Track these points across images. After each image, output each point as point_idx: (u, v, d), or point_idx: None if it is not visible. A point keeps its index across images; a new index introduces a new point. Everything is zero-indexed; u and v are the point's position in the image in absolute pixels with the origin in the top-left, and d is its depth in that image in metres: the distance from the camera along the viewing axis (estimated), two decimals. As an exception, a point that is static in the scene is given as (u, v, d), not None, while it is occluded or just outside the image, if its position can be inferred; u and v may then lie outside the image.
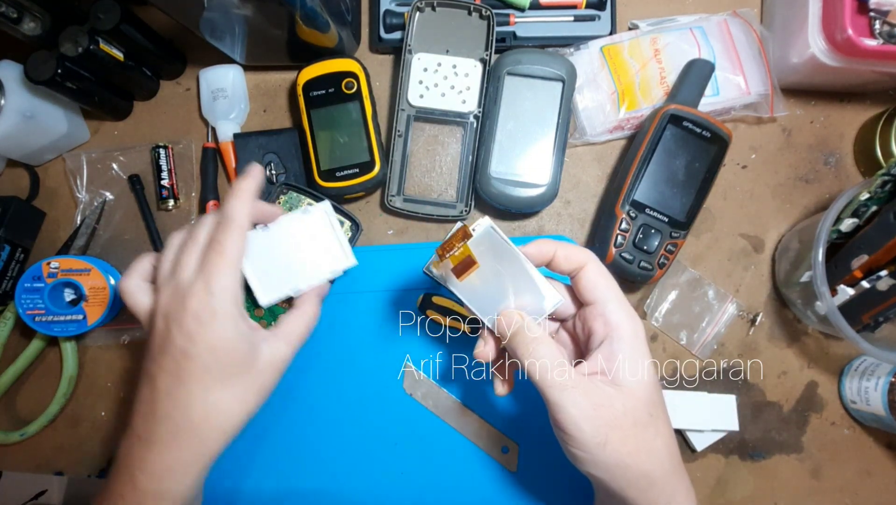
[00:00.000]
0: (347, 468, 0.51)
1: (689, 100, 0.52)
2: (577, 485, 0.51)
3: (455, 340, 0.52)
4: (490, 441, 0.51)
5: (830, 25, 0.48)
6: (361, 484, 0.51)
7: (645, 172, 0.51)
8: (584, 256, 0.36)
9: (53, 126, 0.55)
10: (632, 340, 0.35)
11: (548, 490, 0.51)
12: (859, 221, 0.48)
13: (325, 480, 0.51)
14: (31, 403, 0.56)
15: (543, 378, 0.34)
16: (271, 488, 0.51)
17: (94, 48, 0.50)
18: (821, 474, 0.54)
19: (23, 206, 0.56)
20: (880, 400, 0.49)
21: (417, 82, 0.54)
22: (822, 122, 0.57)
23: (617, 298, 0.36)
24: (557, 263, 0.37)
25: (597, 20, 0.56)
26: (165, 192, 0.57)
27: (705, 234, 0.56)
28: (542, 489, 0.51)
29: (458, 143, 0.55)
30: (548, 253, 0.37)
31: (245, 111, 0.58)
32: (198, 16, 0.46)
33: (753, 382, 0.54)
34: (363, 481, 0.51)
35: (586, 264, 0.36)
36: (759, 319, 0.55)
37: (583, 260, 0.36)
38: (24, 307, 0.52)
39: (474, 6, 0.53)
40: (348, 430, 0.52)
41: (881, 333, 0.48)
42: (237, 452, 0.44)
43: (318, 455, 0.52)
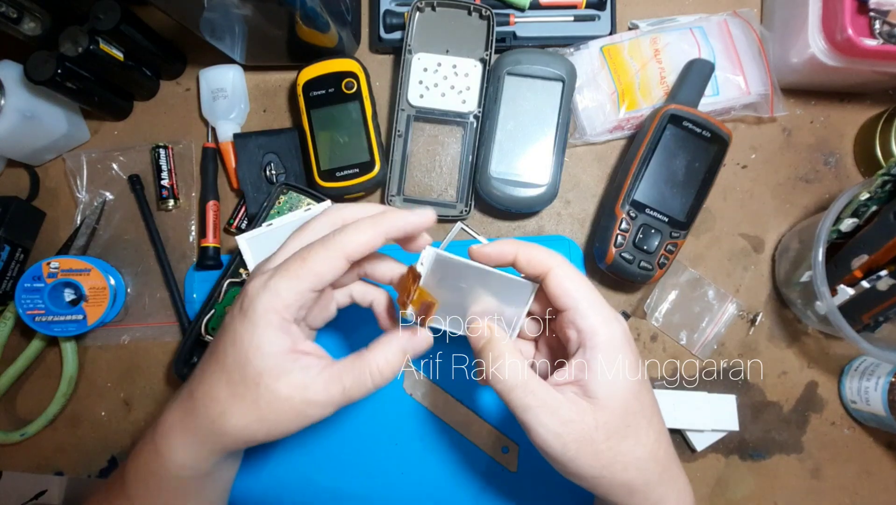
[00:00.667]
0: (347, 468, 0.51)
1: (689, 100, 0.52)
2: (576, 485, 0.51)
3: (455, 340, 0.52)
4: (490, 441, 0.51)
5: (830, 25, 0.48)
6: (361, 484, 0.51)
7: (645, 172, 0.51)
8: (548, 260, 0.34)
9: (53, 126, 0.55)
10: (606, 347, 0.33)
11: (548, 490, 0.51)
12: (859, 221, 0.48)
13: (324, 479, 0.51)
14: (31, 403, 0.56)
15: (509, 397, 0.32)
16: (271, 488, 0.51)
17: (94, 48, 0.50)
18: (821, 474, 0.54)
19: (23, 206, 0.56)
20: (880, 400, 0.49)
21: (417, 82, 0.54)
22: (822, 122, 0.57)
23: (589, 302, 0.33)
24: (520, 267, 0.35)
25: (597, 20, 0.56)
26: (165, 192, 0.57)
27: (705, 234, 0.56)
28: (542, 489, 0.51)
29: (458, 143, 0.55)
30: (507, 254, 0.35)
31: (245, 111, 0.58)
32: (198, 16, 0.46)
33: (753, 382, 0.54)
34: (363, 481, 0.51)
35: (551, 269, 0.34)
36: (759, 319, 0.55)
37: (546, 264, 0.34)
38: (24, 307, 0.52)
39: (474, 6, 0.53)
40: (348, 430, 0.52)
41: (881, 333, 0.47)
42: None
43: (318, 455, 0.52)
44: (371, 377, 0.32)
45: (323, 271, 0.31)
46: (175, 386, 0.56)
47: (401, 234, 0.32)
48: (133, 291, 0.57)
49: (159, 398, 0.56)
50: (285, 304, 0.31)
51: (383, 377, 0.33)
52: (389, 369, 0.33)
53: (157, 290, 0.57)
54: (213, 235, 0.55)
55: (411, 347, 0.34)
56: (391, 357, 0.33)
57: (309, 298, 0.32)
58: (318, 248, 0.31)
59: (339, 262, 0.31)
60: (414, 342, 0.34)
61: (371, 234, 0.31)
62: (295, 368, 0.32)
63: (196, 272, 0.55)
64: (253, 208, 0.55)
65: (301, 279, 0.31)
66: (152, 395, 0.56)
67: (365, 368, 0.32)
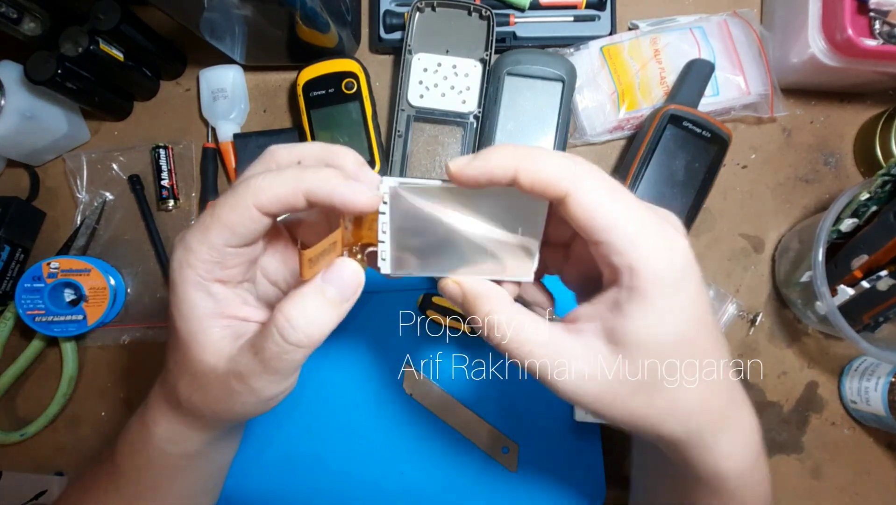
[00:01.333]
0: (347, 468, 0.51)
1: (689, 100, 0.52)
2: (576, 485, 0.51)
3: (455, 339, 0.52)
4: (490, 441, 0.51)
5: (830, 25, 0.48)
6: (361, 484, 0.51)
7: (645, 172, 0.51)
8: (562, 180, 0.24)
9: (53, 126, 0.55)
10: (650, 289, 0.24)
11: (548, 490, 0.51)
12: (859, 221, 0.48)
13: (324, 479, 0.51)
14: (31, 403, 0.56)
15: (511, 352, 0.26)
16: (271, 488, 0.51)
17: (94, 48, 0.50)
18: (821, 474, 0.54)
19: (23, 206, 0.56)
20: (880, 400, 0.49)
21: (417, 82, 0.54)
22: (822, 122, 0.57)
23: (627, 233, 0.24)
24: (524, 189, 0.25)
25: (597, 20, 0.56)
26: (165, 193, 0.57)
27: (705, 234, 0.56)
28: (542, 489, 0.51)
29: (458, 144, 0.55)
30: (502, 172, 0.25)
31: (245, 111, 0.58)
32: (198, 16, 0.46)
33: (753, 382, 0.54)
34: (363, 481, 0.51)
35: (569, 194, 0.24)
36: (759, 319, 0.55)
37: (561, 186, 0.24)
38: (24, 307, 0.52)
39: (474, 6, 0.53)
40: (348, 430, 0.52)
41: (881, 333, 0.47)
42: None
43: (318, 455, 0.52)
44: (281, 334, 0.25)
45: (233, 223, 0.25)
46: (175, 386, 0.56)
47: (325, 200, 0.25)
48: (133, 291, 0.57)
49: (159, 398, 0.56)
50: (197, 258, 0.26)
51: (299, 332, 0.25)
52: (306, 321, 0.25)
53: (157, 290, 0.57)
54: (213, 235, 0.55)
55: (336, 285, 0.26)
56: (308, 304, 0.25)
57: (227, 255, 0.26)
58: (228, 196, 0.26)
59: (249, 212, 0.25)
60: (334, 276, 0.26)
61: (289, 188, 0.25)
62: (220, 334, 0.27)
63: (196, 272, 0.55)
64: (253, 208, 0.55)
65: (210, 230, 0.26)
66: (152, 395, 0.56)
67: (270, 323, 0.25)
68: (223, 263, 0.27)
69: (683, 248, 0.25)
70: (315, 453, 0.52)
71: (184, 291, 0.27)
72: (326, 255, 0.26)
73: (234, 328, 0.28)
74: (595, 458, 0.51)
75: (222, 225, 0.26)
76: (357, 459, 0.51)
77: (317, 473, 0.51)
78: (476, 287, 0.28)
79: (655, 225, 0.25)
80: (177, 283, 0.27)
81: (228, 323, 0.28)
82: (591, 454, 0.51)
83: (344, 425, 0.52)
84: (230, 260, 0.27)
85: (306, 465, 0.52)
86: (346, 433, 0.52)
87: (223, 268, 0.27)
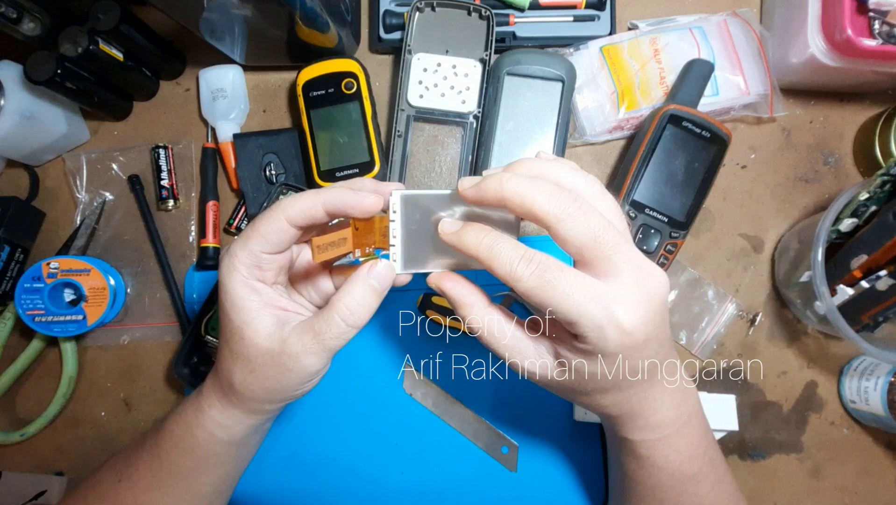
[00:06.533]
0: (347, 468, 0.51)
1: (689, 100, 0.52)
2: (576, 485, 0.51)
3: (455, 340, 0.52)
4: (490, 441, 0.51)
5: (830, 25, 0.48)
6: (361, 484, 0.51)
7: (644, 172, 0.51)
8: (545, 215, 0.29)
9: (53, 126, 0.55)
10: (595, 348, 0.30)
11: (548, 490, 0.51)
12: (859, 221, 0.48)
13: (325, 479, 0.51)
14: (31, 403, 0.56)
15: (485, 344, 0.34)
16: (271, 488, 0.51)
17: (93, 48, 0.50)
18: (820, 474, 0.54)
19: (23, 206, 0.56)
20: (880, 400, 0.49)
21: (417, 82, 0.54)
22: (822, 122, 0.57)
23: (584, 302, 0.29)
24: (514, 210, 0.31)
25: (596, 20, 0.56)
26: (165, 193, 0.57)
27: (705, 234, 0.56)
28: (542, 489, 0.51)
29: (458, 144, 0.55)
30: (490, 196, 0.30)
31: (245, 111, 0.58)
32: (198, 16, 0.46)
33: (753, 382, 0.54)
34: (363, 481, 0.51)
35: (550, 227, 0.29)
36: (759, 319, 0.55)
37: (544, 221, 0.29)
38: (24, 307, 0.52)
39: (474, 6, 0.53)
40: (348, 430, 0.52)
41: (881, 333, 0.48)
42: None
43: (319, 455, 0.52)
44: (342, 317, 0.33)
45: (268, 231, 0.33)
46: (175, 386, 0.56)
47: (338, 208, 0.32)
48: (133, 291, 0.57)
49: (159, 398, 0.56)
50: (240, 261, 0.33)
51: (354, 315, 0.33)
52: (358, 306, 0.33)
53: (157, 290, 0.57)
54: (213, 236, 0.55)
55: (376, 278, 0.34)
56: (358, 293, 0.33)
57: (263, 260, 0.34)
58: (265, 213, 0.34)
59: (279, 223, 0.33)
60: (375, 272, 0.34)
61: (310, 201, 0.33)
62: (269, 321, 0.34)
63: (196, 272, 0.55)
64: (253, 208, 0.55)
65: (250, 239, 0.33)
66: (152, 395, 0.56)
67: (333, 310, 0.33)
68: (260, 266, 0.34)
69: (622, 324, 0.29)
70: (315, 453, 0.52)
71: (233, 288, 0.34)
72: (336, 247, 0.32)
73: (279, 316, 0.35)
74: (595, 458, 0.51)
75: (259, 234, 0.33)
76: (357, 458, 0.52)
77: (317, 472, 0.51)
78: (456, 292, 0.34)
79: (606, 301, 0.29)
80: (226, 283, 0.34)
81: (274, 312, 0.35)
82: (591, 454, 0.51)
83: (344, 425, 0.52)
84: (265, 264, 0.34)
85: (307, 465, 0.52)
86: (346, 433, 0.52)
87: (260, 270, 0.34)
